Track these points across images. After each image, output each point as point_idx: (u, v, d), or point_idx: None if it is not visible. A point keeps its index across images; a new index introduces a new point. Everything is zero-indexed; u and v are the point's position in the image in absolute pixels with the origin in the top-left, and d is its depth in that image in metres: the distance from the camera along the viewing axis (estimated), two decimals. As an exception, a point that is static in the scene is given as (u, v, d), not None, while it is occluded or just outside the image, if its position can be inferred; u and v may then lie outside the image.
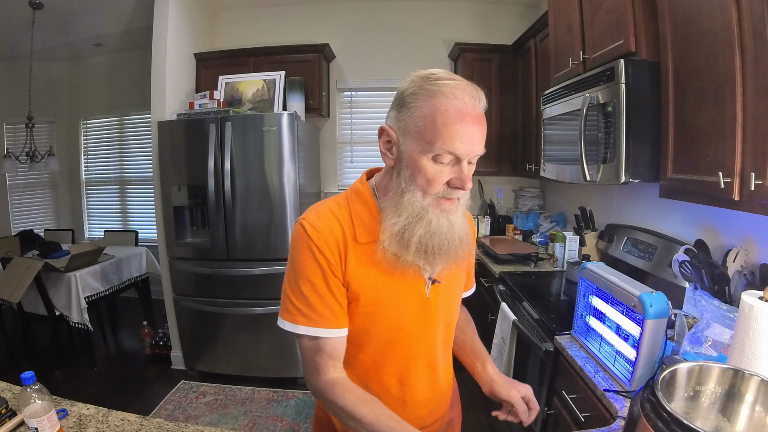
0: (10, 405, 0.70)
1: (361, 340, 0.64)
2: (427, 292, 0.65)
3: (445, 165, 0.56)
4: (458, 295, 0.74)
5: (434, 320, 0.67)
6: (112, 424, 0.70)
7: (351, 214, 0.62)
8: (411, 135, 0.57)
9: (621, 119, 1.12)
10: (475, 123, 0.55)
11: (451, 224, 0.59)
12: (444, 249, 0.59)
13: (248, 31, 2.72)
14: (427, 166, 0.56)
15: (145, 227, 3.46)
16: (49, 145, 2.94)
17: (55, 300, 2.28)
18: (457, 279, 0.72)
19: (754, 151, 0.77)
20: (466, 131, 0.54)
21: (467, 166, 0.57)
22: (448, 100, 0.54)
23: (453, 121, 0.53)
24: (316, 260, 0.59)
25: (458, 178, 0.56)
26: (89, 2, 2.45)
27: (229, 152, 2.02)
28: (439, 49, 2.69)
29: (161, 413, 1.94)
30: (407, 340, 0.65)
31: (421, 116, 0.55)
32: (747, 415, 0.58)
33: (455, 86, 0.54)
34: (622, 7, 1.15)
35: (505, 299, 1.55)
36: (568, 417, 1.01)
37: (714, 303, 0.86)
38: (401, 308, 0.63)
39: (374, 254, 0.60)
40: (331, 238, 0.60)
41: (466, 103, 0.54)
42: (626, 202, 1.68)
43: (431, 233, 0.58)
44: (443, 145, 0.54)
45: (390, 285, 0.62)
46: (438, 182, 0.57)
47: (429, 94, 0.55)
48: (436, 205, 0.58)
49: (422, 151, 0.56)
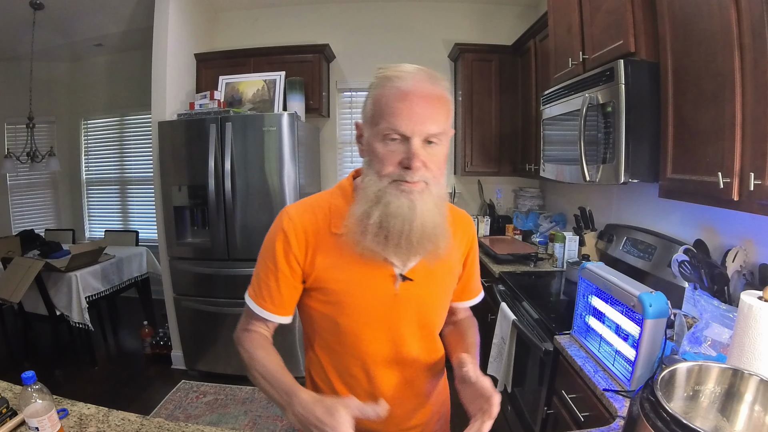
0: (11, 405, 0.70)
1: (331, 328, 0.66)
2: (396, 288, 0.64)
3: (395, 144, 0.57)
4: (441, 298, 0.71)
5: (404, 318, 0.66)
6: (113, 424, 0.70)
7: (330, 207, 0.65)
8: (367, 122, 0.60)
9: (620, 119, 1.12)
10: (421, 101, 0.55)
11: (411, 205, 0.57)
12: (405, 233, 0.58)
13: (248, 31, 2.73)
14: (378, 148, 0.58)
15: (145, 227, 3.46)
16: (50, 145, 2.94)
17: (56, 300, 2.29)
18: (440, 280, 0.69)
19: (754, 151, 0.78)
20: (408, 108, 0.55)
21: (422, 145, 0.57)
22: (393, 82, 0.56)
23: (395, 99, 0.56)
24: (277, 247, 0.64)
25: (406, 156, 0.56)
26: (90, 3, 2.45)
27: (230, 152, 2.03)
28: (439, 50, 2.70)
29: (162, 413, 1.94)
30: (373, 333, 0.65)
31: (373, 102, 0.59)
32: (746, 415, 0.58)
33: (404, 70, 0.57)
34: (621, 8, 1.15)
35: (504, 299, 1.56)
36: (568, 416, 1.01)
37: (713, 303, 0.86)
38: (368, 302, 0.63)
39: (346, 246, 0.62)
40: (301, 229, 0.63)
41: (409, 84, 0.56)
42: (626, 202, 1.68)
43: (388, 214, 0.57)
44: (387, 123, 0.56)
45: (358, 277, 0.63)
46: (389, 162, 0.57)
47: (380, 80, 0.58)
48: (395, 186, 0.58)
49: (375, 133, 0.58)
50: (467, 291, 0.78)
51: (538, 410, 1.19)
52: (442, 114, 0.58)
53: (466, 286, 0.77)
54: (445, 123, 0.59)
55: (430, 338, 0.72)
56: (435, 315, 0.71)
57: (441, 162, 0.60)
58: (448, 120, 0.59)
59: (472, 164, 2.48)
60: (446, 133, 0.59)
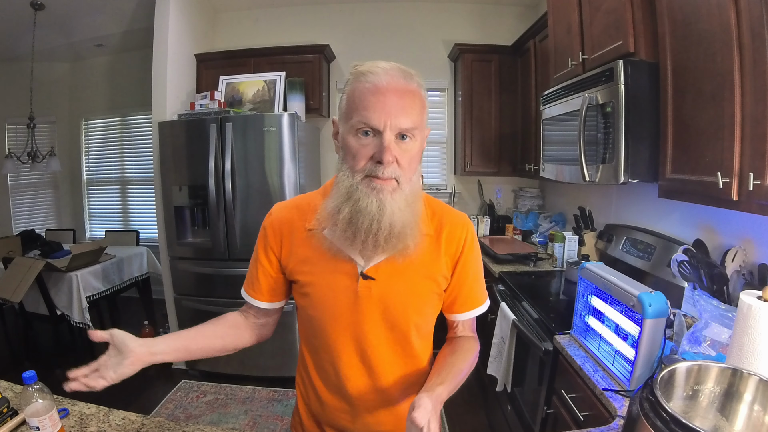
0: (12, 404, 0.70)
1: (305, 319, 0.69)
2: (357, 286, 0.63)
3: (366, 138, 0.57)
4: (411, 301, 0.65)
5: (369, 318, 0.64)
6: (114, 423, 0.70)
7: (309, 204, 0.68)
8: (342, 118, 0.61)
9: (620, 120, 1.12)
10: (393, 94, 0.56)
11: (381, 205, 0.57)
12: (373, 231, 0.57)
13: (249, 31, 2.73)
14: (351, 142, 0.58)
15: (146, 227, 3.46)
16: (51, 146, 2.95)
17: (57, 299, 2.29)
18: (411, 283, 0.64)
19: (753, 151, 0.78)
20: (379, 100, 0.55)
21: (394, 139, 0.56)
22: (366, 77, 0.57)
23: (366, 93, 0.56)
24: (258, 239, 0.71)
25: (378, 150, 0.56)
26: (90, 3, 2.46)
27: (230, 152, 2.03)
28: (439, 50, 2.70)
29: (162, 412, 1.95)
30: (338, 328, 0.66)
31: (347, 97, 0.59)
32: (745, 415, 0.58)
33: (377, 65, 0.58)
34: (621, 8, 1.16)
35: (504, 299, 1.56)
36: (568, 416, 1.01)
37: (713, 303, 0.86)
38: (332, 298, 0.65)
39: (316, 242, 0.64)
40: (278, 223, 0.68)
41: (382, 78, 0.56)
42: (625, 202, 1.68)
43: (357, 211, 0.58)
44: (358, 116, 0.56)
45: (324, 272, 0.65)
46: (360, 156, 0.57)
47: (354, 77, 0.59)
48: (366, 184, 0.58)
49: (347, 129, 0.59)
50: (460, 302, 0.70)
51: (538, 410, 1.19)
52: (415, 109, 0.57)
53: (458, 297, 0.70)
54: (418, 118, 0.58)
55: (405, 345, 0.67)
56: (404, 319, 0.65)
57: (413, 158, 0.59)
58: (421, 116, 0.59)
59: (471, 164, 2.49)
60: (419, 128, 0.59)
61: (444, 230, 0.67)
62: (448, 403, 0.87)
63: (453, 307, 0.71)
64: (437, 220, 0.68)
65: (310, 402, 0.74)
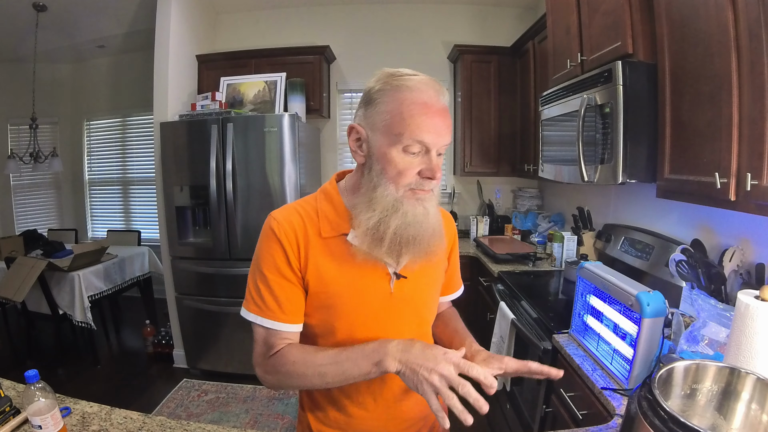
0: (14, 403, 0.70)
1: (326, 333, 0.65)
2: (391, 287, 0.64)
3: (414, 156, 0.58)
4: (432, 293, 0.72)
5: (401, 316, 0.66)
6: (115, 422, 0.70)
7: (317, 211, 0.64)
8: (379, 129, 0.58)
9: (618, 120, 1.12)
10: (441, 115, 0.57)
11: (426, 211, 0.60)
12: (418, 239, 0.60)
13: (250, 33, 2.74)
14: (397, 158, 0.57)
15: (147, 227, 3.48)
16: (53, 146, 2.96)
17: (59, 299, 2.30)
18: (431, 276, 0.71)
19: (750, 151, 0.78)
20: (433, 122, 0.56)
21: (436, 157, 0.59)
22: (413, 93, 0.56)
23: (419, 112, 0.56)
24: (273, 254, 0.62)
25: (428, 168, 0.58)
26: (92, 5, 2.47)
27: (231, 153, 2.04)
28: (439, 51, 2.71)
29: (164, 411, 1.96)
30: (371, 335, 0.63)
31: (389, 110, 0.57)
32: (743, 413, 0.58)
33: (419, 81, 0.57)
34: (619, 10, 1.16)
35: (503, 298, 1.56)
36: (566, 415, 1.02)
37: (710, 302, 0.86)
38: (363, 303, 0.63)
39: (337, 249, 0.62)
40: (291, 232, 0.62)
41: (431, 96, 0.57)
42: (623, 203, 1.69)
43: (407, 224, 0.58)
44: (411, 135, 0.56)
45: (352, 280, 0.63)
46: (409, 173, 0.58)
47: (395, 89, 0.57)
48: (410, 195, 0.59)
49: (391, 143, 0.57)
50: (451, 285, 0.81)
51: (537, 408, 1.19)
52: (451, 123, 0.60)
53: (450, 281, 0.80)
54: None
55: (427, 335, 0.73)
56: (428, 311, 0.72)
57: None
58: None
59: (471, 164, 2.49)
60: None
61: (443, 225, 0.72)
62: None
63: (446, 290, 0.81)
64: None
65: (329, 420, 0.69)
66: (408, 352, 0.54)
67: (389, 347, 0.55)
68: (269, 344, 0.62)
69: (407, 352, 0.54)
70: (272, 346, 0.62)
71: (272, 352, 0.62)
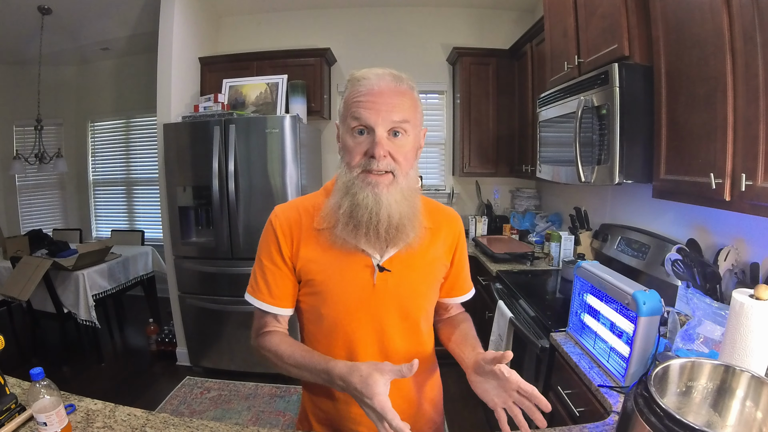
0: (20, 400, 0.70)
1: (314, 318, 0.69)
2: (374, 279, 0.66)
3: (361, 137, 0.61)
4: (421, 290, 0.71)
5: (384, 308, 0.67)
6: (119, 419, 0.70)
7: (314, 205, 0.69)
8: (340, 120, 0.66)
9: (615, 122, 1.13)
10: (383, 94, 0.60)
11: (377, 198, 0.61)
12: (373, 224, 0.61)
13: (252, 35, 2.76)
14: (348, 140, 0.63)
15: (151, 227, 3.51)
16: (58, 147, 3.00)
17: (64, 298, 2.32)
18: (420, 273, 0.70)
19: (745, 152, 0.79)
20: (371, 101, 0.60)
21: (387, 136, 0.61)
22: (360, 83, 0.62)
23: (359, 94, 0.61)
24: (269, 243, 0.68)
25: (371, 146, 0.60)
26: (97, 8, 2.50)
27: (233, 154, 2.06)
28: (438, 54, 2.72)
29: (167, 408, 1.97)
30: (354, 323, 0.67)
31: (343, 102, 0.64)
32: (738, 410, 0.59)
33: (369, 72, 0.62)
34: (616, 13, 1.17)
35: (502, 297, 1.57)
36: (564, 412, 1.03)
37: (706, 301, 0.87)
38: (346, 292, 0.66)
39: (327, 240, 0.66)
40: (286, 225, 0.68)
41: (375, 81, 0.61)
42: (620, 203, 1.70)
43: (356, 205, 0.61)
44: (352, 117, 0.61)
45: (338, 269, 0.66)
46: (356, 153, 0.62)
47: (350, 84, 0.64)
48: (362, 179, 0.62)
49: (344, 130, 0.64)
50: (458, 287, 0.79)
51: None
52: (405, 104, 0.62)
53: (456, 282, 0.79)
54: (409, 113, 0.62)
55: (416, 332, 0.72)
56: (416, 308, 0.71)
57: (408, 153, 0.63)
58: (412, 112, 0.63)
59: (470, 165, 2.50)
60: (411, 123, 0.62)
61: (443, 224, 0.74)
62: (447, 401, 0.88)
63: (452, 292, 0.79)
64: (434, 215, 0.74)
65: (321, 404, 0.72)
66: (349, 379, 0.55)
67: (335, 372, 0.57)
68: (260, 323, 0.70)
69: (348, 379, 0.55)
70: (262, 325, 0.70)
71: (262, 331, 0.70)
